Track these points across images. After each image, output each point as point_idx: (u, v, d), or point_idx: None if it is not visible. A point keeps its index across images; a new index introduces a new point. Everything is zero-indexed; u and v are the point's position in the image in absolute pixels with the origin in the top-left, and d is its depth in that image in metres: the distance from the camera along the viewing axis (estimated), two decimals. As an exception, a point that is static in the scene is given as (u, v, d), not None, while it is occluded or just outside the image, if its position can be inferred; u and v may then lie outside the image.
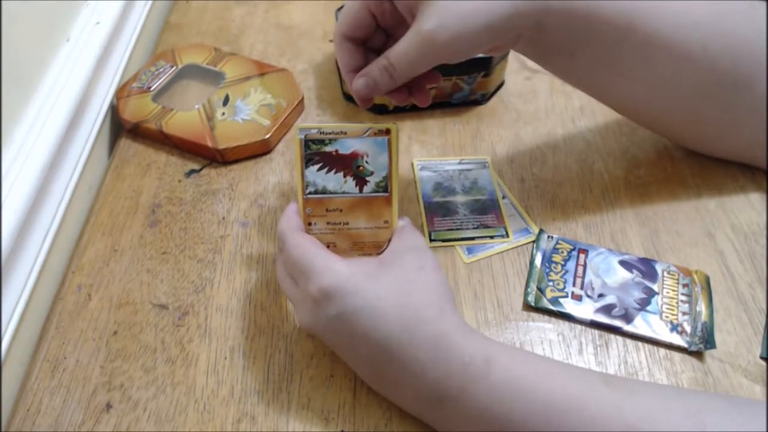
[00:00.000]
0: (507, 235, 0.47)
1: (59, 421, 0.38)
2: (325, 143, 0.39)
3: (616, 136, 0.54)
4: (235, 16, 0.69)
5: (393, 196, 0.40)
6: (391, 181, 0.40)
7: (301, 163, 0.39)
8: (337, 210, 0.40)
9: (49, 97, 0.48)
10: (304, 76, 0.61)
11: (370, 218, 0.40)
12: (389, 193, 0.40)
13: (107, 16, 0.56)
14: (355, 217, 0.40)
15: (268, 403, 0.39)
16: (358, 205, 0.40)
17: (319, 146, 0.39)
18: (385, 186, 0.40)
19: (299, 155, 0.39)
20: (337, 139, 0.39)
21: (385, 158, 0.39)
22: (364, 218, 0.40)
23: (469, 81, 0.55)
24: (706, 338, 0.40)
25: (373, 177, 0.40)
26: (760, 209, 0.48)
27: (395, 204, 0.40)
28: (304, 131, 0.39)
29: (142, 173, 0.53)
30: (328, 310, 0.35)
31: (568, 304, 0.43)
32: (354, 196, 0.40)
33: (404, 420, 0.38)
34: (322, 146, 0.39)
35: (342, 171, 0.40)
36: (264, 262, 0.46)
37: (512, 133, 0.55)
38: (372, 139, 0.39)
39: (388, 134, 0.39)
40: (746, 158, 0.50)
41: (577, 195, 0.50)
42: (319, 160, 0.39)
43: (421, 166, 0.52)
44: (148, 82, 0.57)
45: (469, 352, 0.34)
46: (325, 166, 0.40)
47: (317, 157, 0.39)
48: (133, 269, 0.46)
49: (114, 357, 0.41)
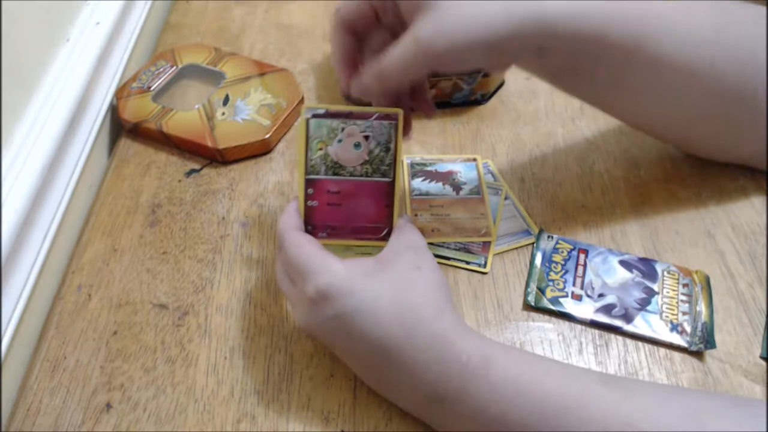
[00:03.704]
0: (485, 266, 0.45)
1: (59, 421, 0.38)
2: (426, 165, 0.51)
3: (616, 136, 0.54)
4: (235, 16, 0.69)
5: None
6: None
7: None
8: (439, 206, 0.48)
9: (49, 97, 0.48)
10: (304, 76, 0.61)
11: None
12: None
13: (107, 16, 0.56)
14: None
15: (268, 403, 0.39)
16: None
17: (421, 166, 0.51)
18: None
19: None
20: (435, 162, 0.51)
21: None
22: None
23: (469, 81, 0.55)
24: (706, 338, 0.40)
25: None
26: (760, 209, 0.48)
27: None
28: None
29: (142, 173, 0.53)
30: (326, 311, 0.35)
31: (568, 303, 0.43)
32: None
33: (404, 420, 0.38)
34: (424, 167, 0.51)
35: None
36: (264, 262, 0.46)
37: (512, 133, 0.55)
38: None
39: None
40: (753, 164, 0.50)
41: (577, 195, 0.50)
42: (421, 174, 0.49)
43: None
44: (148, 82, 0.57)
45: (467, 351, 0.34)
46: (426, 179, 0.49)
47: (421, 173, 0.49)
48: (133, 269, 0.46)
49: (114, 357, 0.41)
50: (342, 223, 0.40)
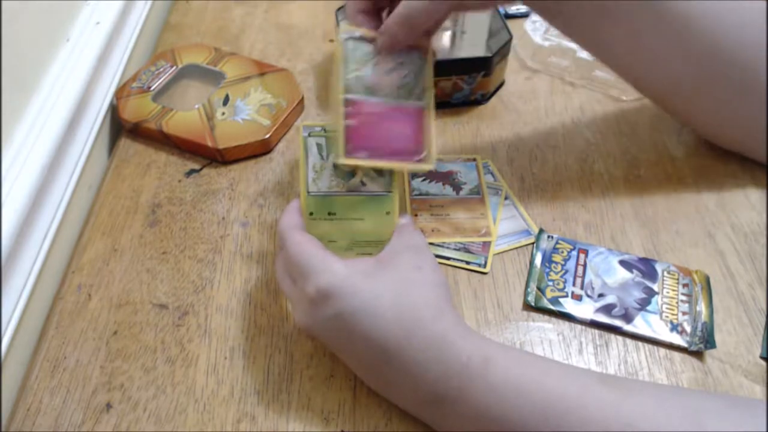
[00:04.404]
0: (485, 266, 0.45)
1: (59, 421, 0.38)
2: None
3: (616, 136, 0.54)
4: (235, 16, 0.69)
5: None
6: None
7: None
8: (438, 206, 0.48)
9: (49, 97, 0.48)
10: (304, 76, 0.61)
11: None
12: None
13: (107, 16, 0.56)
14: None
15: (268, 403, 0.39)
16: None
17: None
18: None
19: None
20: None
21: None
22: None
23: (469, 81, 0.55)
24: (706, 338, 0.40)
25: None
26: (760, 209, 0.48)
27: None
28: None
29: (142, 173, 0.53)
30: (326, 311, 0.35)
31: (568, 303, 0.43)
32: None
33: (404, 420, 0.38)
34: None
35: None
36: (264, 262, 0.46)
37: (512, 133, 0.55)
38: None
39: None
40: (747, 148, 0.50)
41: (577, 195, 0.50)
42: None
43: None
44: (148, 82, 0.57)
45: (467, 352, 0.34)
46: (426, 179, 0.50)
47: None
48: (133, 269, 0.46)
49: (114, 357, 0.41)
50: (380, 144, 0.39)
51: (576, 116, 0.57)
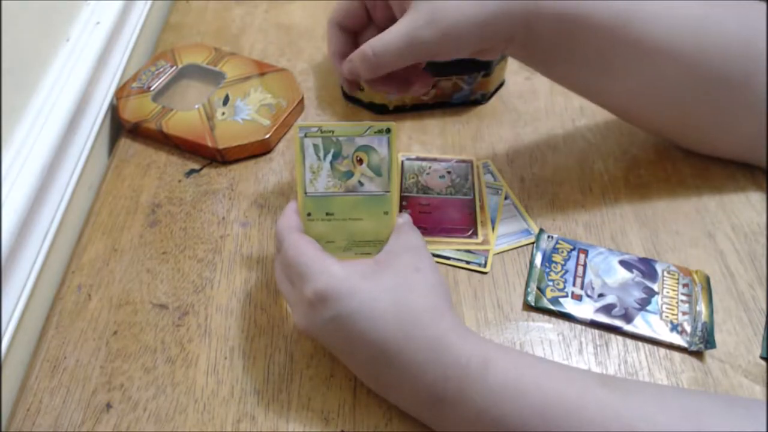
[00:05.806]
0: (485, 266, 0.45)
1: (59, 421, 0.38)
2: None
3: (616, 136, 0.54)
4: (235, 16, 0.69)
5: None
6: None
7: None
8: None
9: (49, 97, 0.48)
10: (304, 76, 0.61)
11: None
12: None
13: (107, 16, 0.56)
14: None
15: (268, 403, 0.39)
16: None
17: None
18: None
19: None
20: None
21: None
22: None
23: (469, 81, 0.55)
24: (706, 338, 0.40)
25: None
26: (760, 209, 0.48)
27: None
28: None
29: (142, 173, 0.53)
30: (324, 313, 0.35)
31: (568, 303, 0.43)
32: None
33: (404, 420, 0.38)
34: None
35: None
36: (264, 262, 0.46)
37: (512, 133, 0.55)
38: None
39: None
40: (745, 157, 0.50)
41: (577, 195, 0.50)
42: None
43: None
44: (148, 82, 0.57)
45: (466, 353, 0.34)
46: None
47: None
48: (133, 269, 0.46)
49: (114, 357, 0.41)
50: (432, 225, 0.47)
51: (576, 116, 0.56)
